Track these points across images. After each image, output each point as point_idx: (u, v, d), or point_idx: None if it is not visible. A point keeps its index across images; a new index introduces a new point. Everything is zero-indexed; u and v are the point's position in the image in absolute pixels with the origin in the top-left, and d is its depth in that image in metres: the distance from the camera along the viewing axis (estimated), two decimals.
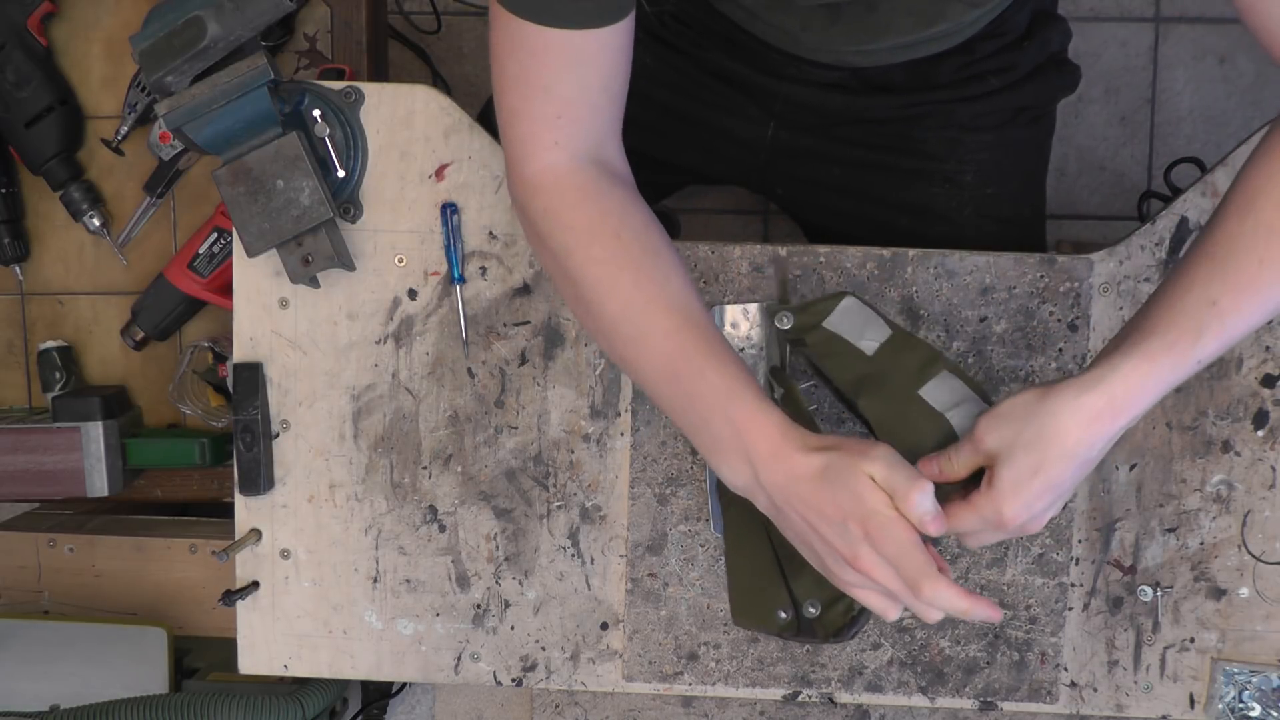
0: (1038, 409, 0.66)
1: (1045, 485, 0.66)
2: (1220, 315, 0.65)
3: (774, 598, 0.82)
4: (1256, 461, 0.94)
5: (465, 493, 0.98)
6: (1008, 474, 0.67)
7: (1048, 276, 0.94)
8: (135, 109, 1.12)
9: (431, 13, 1.74)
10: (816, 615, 0.79)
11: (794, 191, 1.12)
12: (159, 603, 1.23)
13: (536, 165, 0.76)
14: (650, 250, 0.74)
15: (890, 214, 1.05)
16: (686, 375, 0.71)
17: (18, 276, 1.18)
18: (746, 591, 0.86)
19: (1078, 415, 0.65)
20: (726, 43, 1.00)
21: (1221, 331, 0.66)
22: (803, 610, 0.79)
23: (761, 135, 1.06)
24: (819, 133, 1.05)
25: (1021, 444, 0.66)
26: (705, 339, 0.72)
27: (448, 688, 1.72)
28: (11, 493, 1.11)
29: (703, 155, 1.09)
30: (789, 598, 0.81)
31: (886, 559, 0.66)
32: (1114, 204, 1.68)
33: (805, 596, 0.79)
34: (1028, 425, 0.66)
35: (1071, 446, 0.65)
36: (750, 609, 0.86)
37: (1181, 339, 0.65)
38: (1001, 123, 1.02)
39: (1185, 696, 0.97)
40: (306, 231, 0.90)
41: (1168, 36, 1.67)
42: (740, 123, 1.05)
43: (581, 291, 0.75)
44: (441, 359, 0.97)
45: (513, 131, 0.76)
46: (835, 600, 0.78)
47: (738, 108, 1.04)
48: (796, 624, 0.81)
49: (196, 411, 1.14)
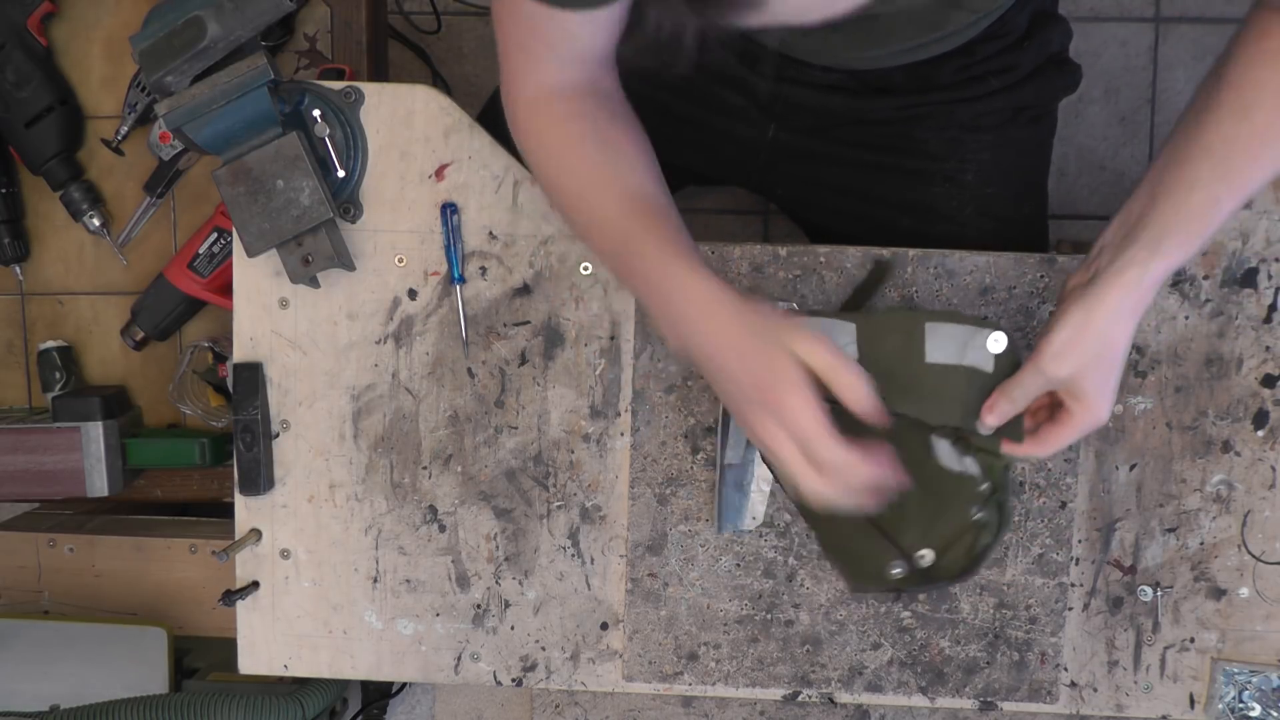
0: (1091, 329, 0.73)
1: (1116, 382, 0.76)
2: (1222, 212, 0.73)
3: (882, 555, 0.83)
4: (1256, 461, 0.94)
5: (465, 493, 0.98)
6: (1091, 386, 0.75)
7: (1048, 276, 0.93)
8: (135, 109, 1.12)
9: (431, 13, 1.74)
10: (933, 562, 0.81)
11: (794, 192, 1.12)
12: (159, 603, 1.23)
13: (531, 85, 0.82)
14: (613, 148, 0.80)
15: (891, 214, 1.04)
16: (633, 254, 0.77)
17: (18, 276, 1.18)
18: (853, 558, 0.87)
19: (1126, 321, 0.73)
20: (726, 45, 1.00)
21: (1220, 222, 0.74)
22: (915, 561, 0.82)
23: (761, 136, 1.06)
24: (819, 134, 1.04)
25: (1092, 363, 0.74)
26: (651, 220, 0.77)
27: (448, 688, 1.72)
28: (11, 493, 1.11)
29: (703, 156, 1.09)
30: (898, 552, 0.82)
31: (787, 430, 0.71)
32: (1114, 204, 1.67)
33: (915, 547, 0.81)
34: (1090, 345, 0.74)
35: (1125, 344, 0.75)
36: (863, 573, 0.87)
37: (1192, 239, 0.73)
38: (1002, 122, 1.02)
39: (1185, 696, 0.97)
40: (306, 231, 0.90)
41: (1168, 36, 1.67)
42: (740, 124, 1.05)
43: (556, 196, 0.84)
44: (441, 359, 0.97)
45: (509, 64, 0.82)
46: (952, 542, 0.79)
47: (738, 109, 1.04)
48: (916, 575, 0.83)
49: (196, 411, 1.14)
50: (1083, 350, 0.74)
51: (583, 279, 0.96)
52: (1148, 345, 0.94)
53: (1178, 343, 0.94)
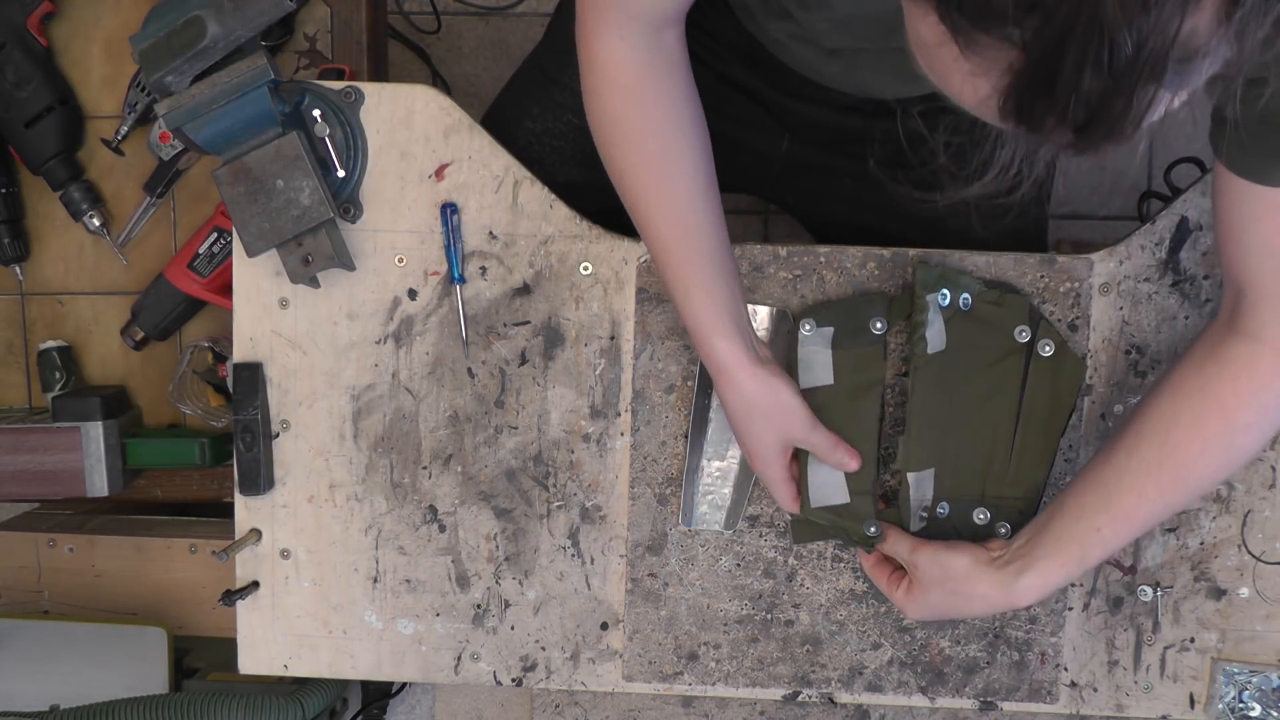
0: (962, 578, 0.86)
1: (941, 615, 0.90)
2: (1103, 540, 0.81)
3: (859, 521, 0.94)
4: (1256, 461, 0.94)
5: (465, 493, 0.98)
6: (920, 596, 0.89)
7: (1048, 276, 0.93)
8: (135, 109, 1.12)
9: (431, 13, 1.74)
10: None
11: (806, 202, 1.13)
12: (159, 603, 1.23)
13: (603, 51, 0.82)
14: (669, 151, 0.84)
15: (900, 225, 1.05)
16: (670, 276, 0.85)
17: (18, 276, 1.18)
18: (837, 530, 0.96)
19: (984, 601, 0.86)
20: (748, 59, 1.00)
21: (1104, 550, 0.82)
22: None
23: (776, 148, 1.06)
24: (832, 149, 1.05)
25: (939, 590, 0.88)
26: (693, 249, 0.84)
27: (448, 688, 1.72)
28: (11, 493, 1.11)
29: (717, 164, 1.09)
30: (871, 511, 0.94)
31: (768, 487, 0.92)
32: (1114, 204, 1.68)
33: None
34: (948, 582, 0.87)
35: (970, 611, 0.88)
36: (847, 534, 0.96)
37: (1070, 561, 0.82)
38: None
39: (1185, 696, 0.97)
40: (306, 231, 0.89)
41: None
42: (755, 135, 1.06)
43: (613, 173, 0.86)
44: (441, 359, 0.97)
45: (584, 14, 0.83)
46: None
47: (754, 120, 1.05)
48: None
49: (196, 411, 1.14)
50: (939, 576, 0.87)
51: (583, 279, 0.96)
52: (1148, 345, 0.94)
53: (1178, 342, 0.94)
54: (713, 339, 0.84)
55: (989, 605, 0.86)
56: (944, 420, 0.91)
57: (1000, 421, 0.92)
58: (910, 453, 0.91)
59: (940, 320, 0.91)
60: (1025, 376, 0.91)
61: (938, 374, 0.91)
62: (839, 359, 0.92)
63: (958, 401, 0.91)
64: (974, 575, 0.85)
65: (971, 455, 0.92)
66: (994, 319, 0.92)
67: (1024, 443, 0.92)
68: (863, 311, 0.92)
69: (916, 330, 0.90)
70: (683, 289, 0.85)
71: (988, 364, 0.91)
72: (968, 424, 0.92)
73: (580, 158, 1.03)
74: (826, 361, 0.92)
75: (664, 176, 0.84)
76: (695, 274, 0.84)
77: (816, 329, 0.92)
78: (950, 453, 0.92)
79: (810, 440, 0.89)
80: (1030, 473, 0.92)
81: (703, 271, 0.84)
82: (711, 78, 1.04)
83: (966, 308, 0.91)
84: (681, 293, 0.85)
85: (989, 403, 0.91)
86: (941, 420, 0.91)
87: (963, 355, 0.91)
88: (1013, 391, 0.91)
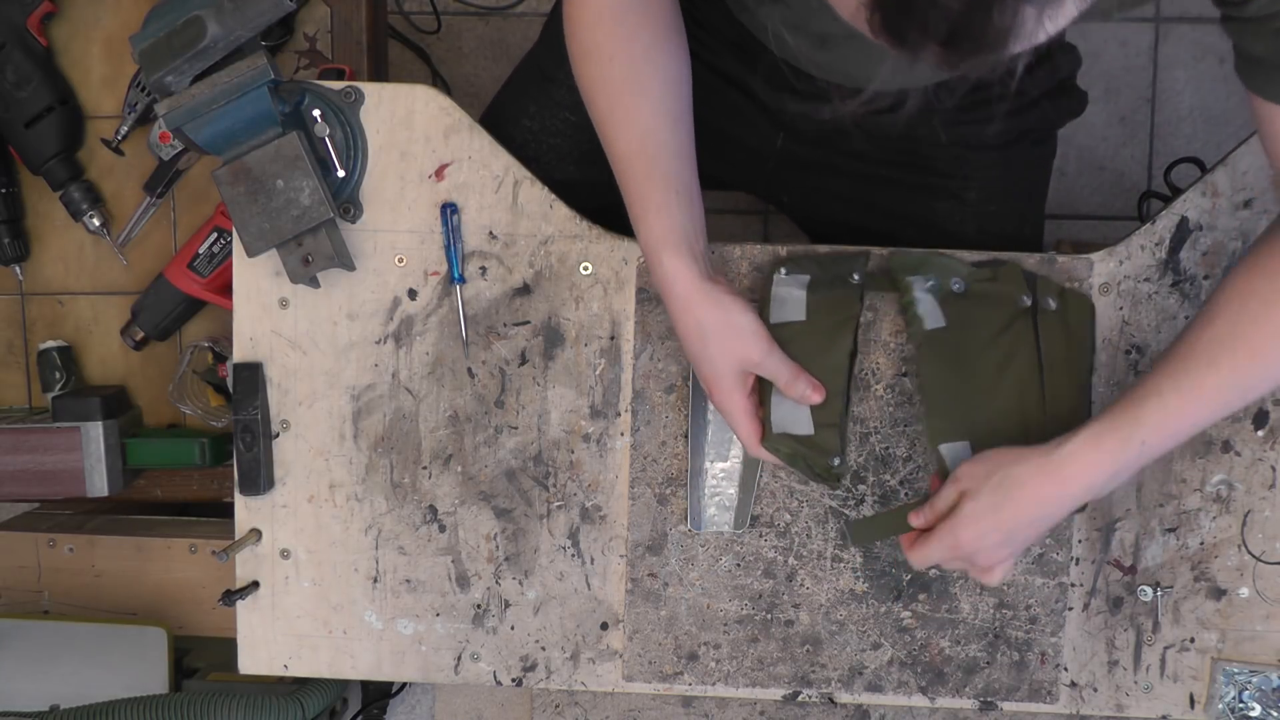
0: (1009, 466, 0.79)
1: (998, 524, 0.79)
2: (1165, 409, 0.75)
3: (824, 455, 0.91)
4: (1256, 461, 0.94)
5: (465, 493, 0.98)
6: (970, 505, 0.80)
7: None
8: (135, 109, 1.12)
9: (431, 13, 1.74)
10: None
11: (800, 200, 1.13)
12: (159, 603, 1.23)
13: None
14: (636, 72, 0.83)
15: (894, 225, 1.05)
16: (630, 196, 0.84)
17: (18, 276, 1.18)
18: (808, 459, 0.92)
19: (1037, 487, 0.78)
20: (741, 51, 1.00)
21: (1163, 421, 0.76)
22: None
23: (770, 145, 1.06)
24: (827, 145, 1.05)
25: (989, 486, 0.79)
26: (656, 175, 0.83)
27: (448, 688, 1.72)
28: (11, 493, 1.11)
29: (711, 160, 1.09)
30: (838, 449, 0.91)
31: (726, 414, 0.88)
32: (1114, 204, 1.68)
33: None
34: (996, 473, 0.79)
35: (1027, 505, 0.78)
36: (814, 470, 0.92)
37: (1123, 427, 0.76)
38: (1007, 143, 1.03)
39: (1185, 696, 0.97)
40: (306, 231, 0.90)
41: (1168, 36, 1.67)
42: (750, 131, 1.06)
43: (587, 103, 0.86)
44: (441, 359, 0.97)
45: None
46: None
47: (748, 117, 1.05)
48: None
49: (196, 411, 1.14)
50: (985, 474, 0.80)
51: (583, 279, 0.96)
52: (1148, 345, 0.94)
53: None
54: (661, 254, 0.82)
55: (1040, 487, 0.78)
56: (965, 394, 0.90)
57: (1026, 383, 0.90)
58: (935, 426, 0.89)
59: (930, 298, 0.90)
60: (1037, 335, 0.90)
61: (944, 350, 0.90)
62: (813, 300, 0.91)
63: (974, 376, 0.90)
64: (1021, 456, 0.79)
65: (1006, 423, 0.89)
66: (993, 294, 0.91)
67: (1054, 393, 0.89)
68: (841, 265, 0.92)
69: (909, 309, 0.90)
70: (639, 207, 0.83)
71: (995, 334, 0.90)
72: (994, 396, 0.89)
73: (577, 156, 1.03)
74: (800, 299, 0.91)
75: (629, 95, 0.83)
76: (652, 193, 0.82)
77: (793, 274, 0.92)
78: (983, 428, 0.89)
79: (767, 366, 0.85)
80: (1070, 414, 0.89)
81: (660, 192, 0.82)
82: (705, 71, 1.04)
83: (961, 291, 0.91)
84: (638, 211, 0.83)
85: (1008, 369, 0.90)
86: (963, 394, 0.90)
87: (968, 333, 0.90)
88: (1029, 352, 0.90)
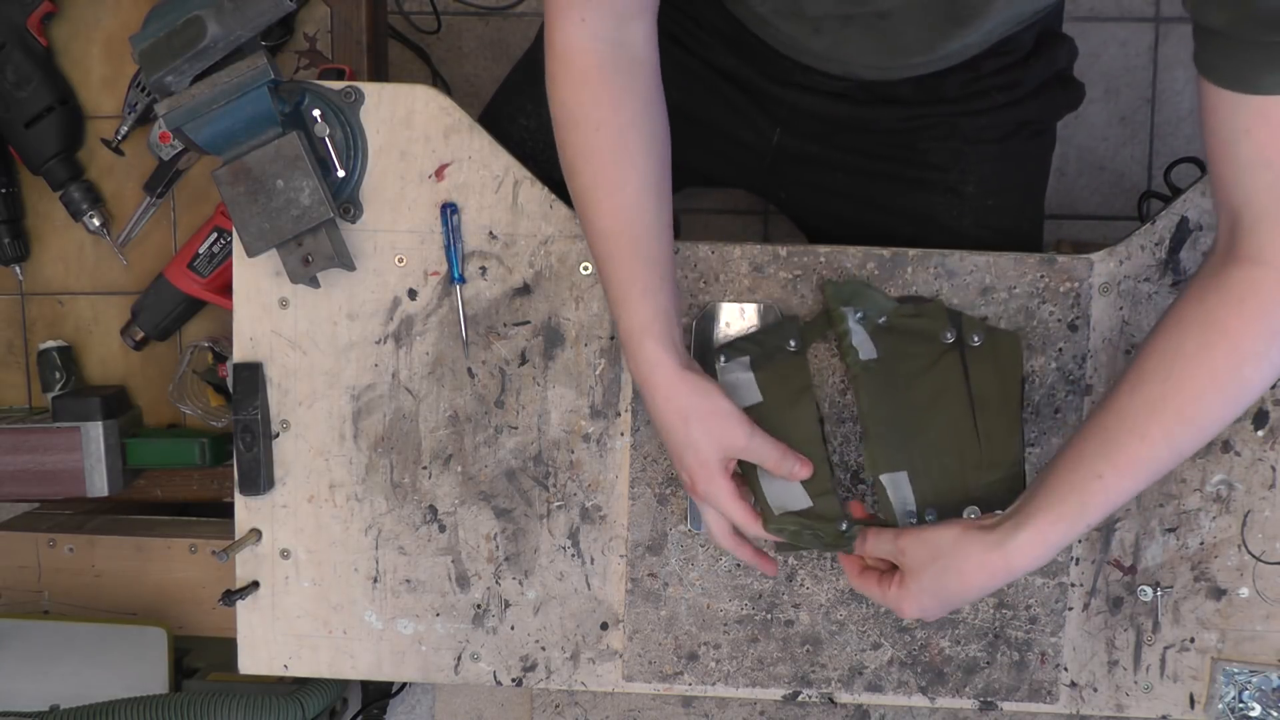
0: (952, 550, 0.79)
1: (940, 602, 0.81)
2: (1105, 489, 0.74)
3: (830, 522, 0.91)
4: (1256, 461, 0.94)
5: (465, 493, 0.98)
6: (914, 585, 0.82)
7: (1048, 276, 0.94)
8: (135, 109, 1.12)
9: (431, 13, 1.74)
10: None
11: (797, 196, 1.12)
12: (159, 603, 1.23)
13: (561, 36, 0.82)
14: (622, 145, 0.82)
15: (892, 221, 1.05)
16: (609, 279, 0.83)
17: (18, 276, 1.18)
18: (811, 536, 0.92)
19: (980, 570, 0.78)
20: (736, 45, 1.00)
21: (1107, 501, 0.75)
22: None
23: (767, 140, 1.06)
24: (824, 140, 1.05)
25: (931, 570, 0.80)
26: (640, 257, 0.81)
27: (448, 688, 1.72)
28: (11, 493, 1.11)
29: (707, 157, 1.09)
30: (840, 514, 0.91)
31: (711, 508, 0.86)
32: (1114, 204, 1.68)
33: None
34: (940, 560, 0.80)
35: (968, 587, 0.79)
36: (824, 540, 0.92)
37: (1069, 513, 0.75)
38: (1005, 136, 1.03)
39: (1185, 696, 0.97)
40: (306, 231, 0.90)
41: (1168, 36, 1.67)
42: (746, 127, 1.05)
43: (563, 158, 0.84)
44: (441, 359, 0.97)
45: (550, 7, 0.82)
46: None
47: (744, 112, 1.05)
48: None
49: (196, 411, 1.14)
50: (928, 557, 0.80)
51: (583, 279, 0.96)
52: None
53: None
54: (645, 341, 0.81)
55: (985, 575, 0.78)
56: (901, 425, 0.91)
57: (957, 417, 0.91)
58: (875, 456, 0.91)
59: (863, 331, 0.92)
60: (965, 370, 0.91)
61: (878, 381, 0.91)
62: (762, 378, 0.92)
63: (908, 409, 0.91)
64: (964, 544, 0.78)
65: (941, 456, 0.91)
66: (916, 329, 0.92)
67: (987, 428, 0.91)
68: (774, 338, 0.93)
69: (844, 340, 0.91)
70: (621, 290, 0.82)
71: (923, 369, 0.91)
72: (926, 429, 0.91)
73: None
74: (750, 380, 0.92)
75: (614, 167, 0.81)
76: (637, 277, 0.81)
77: (733, 359, 0.92)
78: (919, 460, 0.91)
79: (751, 448, 0.84)
80: (1003, 451, 0.91)
81: (644, 276, 0.81)
82: (700, 67, 1.04)
83: (886, 326, 0.92)
84: (620, 294, 0.82)
85: (939, 403, 0.91)
86: (899, 424, 0.91)
87: (897, 365, 0.91)
88: (958, 387, 0.91)
